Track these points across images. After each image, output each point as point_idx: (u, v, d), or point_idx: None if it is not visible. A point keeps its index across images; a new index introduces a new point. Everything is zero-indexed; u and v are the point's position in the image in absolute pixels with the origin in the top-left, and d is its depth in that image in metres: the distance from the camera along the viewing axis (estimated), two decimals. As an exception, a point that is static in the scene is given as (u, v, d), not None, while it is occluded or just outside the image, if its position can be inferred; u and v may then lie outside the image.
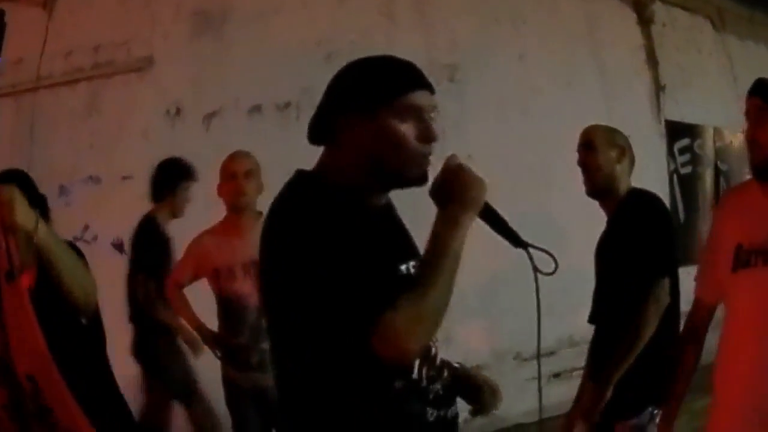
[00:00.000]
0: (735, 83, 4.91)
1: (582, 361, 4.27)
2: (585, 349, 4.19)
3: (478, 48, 3.77)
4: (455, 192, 1.11)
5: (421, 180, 1.16)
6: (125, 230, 3.80)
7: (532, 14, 3.93)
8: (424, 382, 1.14)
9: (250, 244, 2.11)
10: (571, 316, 4.03)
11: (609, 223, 2.22)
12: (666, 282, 2.00)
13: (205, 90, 3.75)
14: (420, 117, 1.15)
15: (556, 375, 4.06)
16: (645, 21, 4.36)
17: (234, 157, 2.54)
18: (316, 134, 1.19)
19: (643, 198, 2.17)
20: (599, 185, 2.19)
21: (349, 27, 3.73)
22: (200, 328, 2.62)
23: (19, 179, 1.69)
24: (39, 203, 1.61)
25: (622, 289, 2.08)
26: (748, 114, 1.66)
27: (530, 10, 3.93)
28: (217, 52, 3.78)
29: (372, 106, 1.12)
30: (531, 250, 1.17)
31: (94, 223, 3.83)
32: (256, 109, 3.68)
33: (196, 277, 2.62)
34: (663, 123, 4.46)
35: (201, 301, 2.73)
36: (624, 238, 2.09)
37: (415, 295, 1.03)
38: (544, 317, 1.27)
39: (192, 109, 3.75)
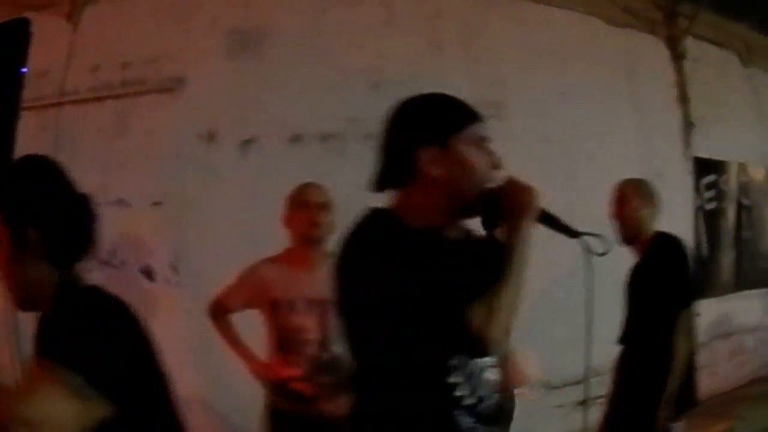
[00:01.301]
0: (760, 117, 5.00)
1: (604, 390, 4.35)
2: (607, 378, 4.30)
3: (523, 83, 3.75)
4: (515, 202, 1.25)
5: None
6: (154, 257, 3.71)
7: (576, 50, 3.91)
8: (473, 400, 1.24)
9: (318, 279, 2.18)
10: (597, 345, 4.11)
11: (639, 261, 2.60)
12: (688, 312, 2.40)
13: (242, 115, 3.64)
14: (484, 146, 1.27)
15: (582, 403, 4.14)
16: (678, 57, 4.39)
17: (309, 187, 2.43)
18: (391, 177, 1.26)
19: (670, 240, 2.56)
20: (630, 233, 2.58)
21: (396, 55, 3.65)
22: (249, 357, 2.51)
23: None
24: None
25: (652, 317, 2.47)
26: None
27: (574, 45, 3.91)
28: (254, 74, 3.66)
29: (445, 136, 1.22)
30: (586, 237, 1.33)
31: (122, 249, 3.72)
32: (298, 138, 3.58)
33: (248, 306, 2.51)
34: (691, 159, 4.52)
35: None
36: (656, 275, 2.49)
37: (492, 290, 1.18)
38: (571, 347, 1.38)
39: (227, 134, 3.63)
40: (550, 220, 1.34)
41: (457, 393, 1.21)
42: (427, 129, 1.22)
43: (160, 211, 3.68)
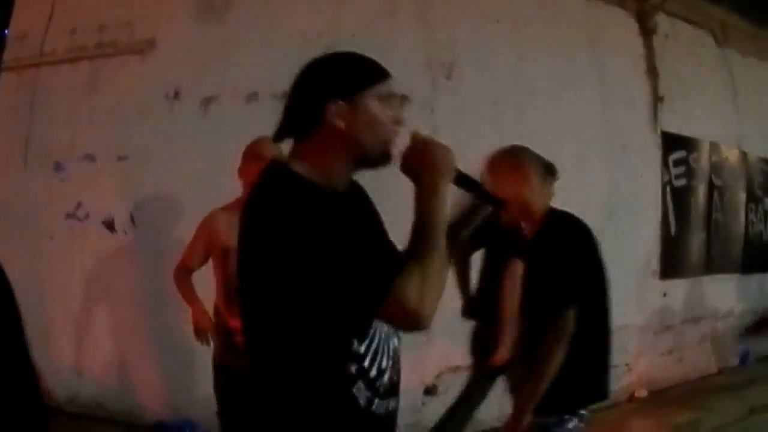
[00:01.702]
0: (735, 99, 4.91)
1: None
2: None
3: (477, 46, 3.78)
4: (427, 162, 1.20)
5: (389, 159, 1.27)
6: (117, 209, 3.84)
7: (534, 16, 3.93)
8: (374, 372, 1.22)
9: None
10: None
11: (530, 244, 2.15)
12: (571, 313, 1.95)
13: (204, 75, 3.76)
14: (391, 103, 1.27)
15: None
16: (647, 31, 4.36)
17: (263, 141, 2.48)
18: (297, 126, 1.26)
19: (565, 220, 2.12)
20: (521, 211, 2.11)
21: (350, 20, 3.74)
22: (204, 317, 2.59)
23: None
24: None
25: (533, 311, 2.11)
26: None
27: (533, 12, 3.93)
28: (219, 37, 3.79)
29: (355, 90, 1.24)
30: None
31: (87, 201, 3.86)
32: (253, 96, 3.69)
33: (205, 258, 2.57)
34: (659, 133, 4.46)
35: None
36: (542, 262, 2.06)
37: (416, 261, 1.13)
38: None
39: (190, 93, 3.76)
40: (468, 183, 1.25)
41: (364, 364, 1.19)
42: (337, 83, 1.24)
43: (124, 165, 3.82)
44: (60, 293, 3.86)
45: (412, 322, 1.12)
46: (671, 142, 4.41)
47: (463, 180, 1.24)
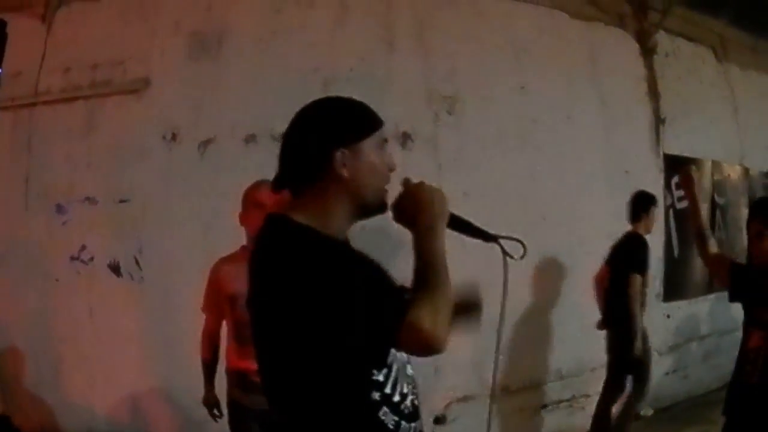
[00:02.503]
0: (736, 114, 4.88)
1: (569, 395, 4.31)
2: (572, 382, 4.24)
3: (478, 77, 3.73)
4: (422, 206, 1.24)
5: (385, 207, 1.30)
6: (121, 252, 3.82)
7: (534, 42, 3.87)
8: (397, 398, 1.27)
9: None
10: (560, 350, 4.08)
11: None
12: None
13: (201, 116, 3.72)
14: (384, 150, 1.31)
15: (544, 407, 4.11)
16: (648, 51, 4.31)
17: (264, 187, 2.45)
18: (301, 175, 1.27)
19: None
20: None
21: (347, 53, 3.68)
22: (210, 395, 2.70)
23: None
24: None
25: None
26: None
27: (532, 37, 3.88)
28: (213, 75, 3.74)
29: (358, 138, 1.26)
30: (502, 241, 1.30)
31: (91, 244, 3.84)
32: (251, 138, 3.65)
33: (217, 305, 2.61)
34: (661, 156, 4.44)
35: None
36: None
37: (424, 294, 1.18)
38: (535, 351, 1.31)
39: (188, 135, 3.72)
40: (462, 225, 1.30)
41: (385, 390, 1.24)
42: (341, 131, 1.25)
43: (125, 208, 3.80)
44: (69, 334, 3.86)
45: (428, 345, 1.17)
46: (673, 165, 4.39)
47: (456, 222, 1.29)
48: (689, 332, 4.68)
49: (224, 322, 2.65)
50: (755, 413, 2.42)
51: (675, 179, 4.35)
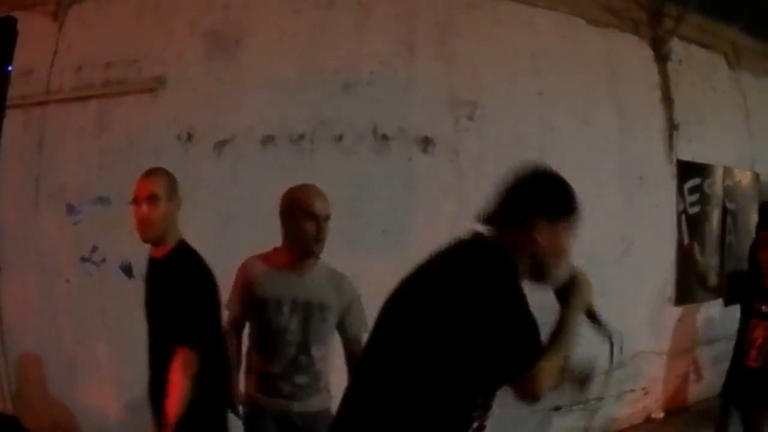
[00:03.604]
0: (747, 121, 4.91)
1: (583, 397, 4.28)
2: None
3: (499, 82, 3.72)
4: (579, 293, 1.55)
5: (549, 281, 1.55)
6: (133, 254, 3.76)
7: (553, 47, 3.87)
8: (486, 421, 1.50)
9: (307, 282, 2.38)
10: (575, 355, 4.08)
11: (154, 268, 2.42)
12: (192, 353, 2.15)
13: (218, 116, 3.67)
14: (571, 234, 1.54)
15: (557, 408, 4.12)
16: (662, 58, 4.33)
17: (317, 197, 2.38)
18: (507, 223, 1.52)
19: (190, 256, 2.33)
20: (157, 234, 2.37)
21: (368, 55, 3.65)
22: (235, 391, 2.60)
23: None
24: None
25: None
26: None
27: (552, 42, 3.87)
28: (230, 75, 3.69)
29: (559, 217, 1.52)
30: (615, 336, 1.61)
31: (103, 245, 3.79)
32: (270, 139, 3.61)
33: (244, 306, 2.50)
34: (675, 163, 4.46)
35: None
36: (164, 294, 2.30)
37: (552, 353, 1.44)
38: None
39: (204, 136, 3.67)
40: (593, 317, 1.61)
41: (480, 411, 1.47)
42: (549, 205, 1.52)
43: (138, 209, 3.74)
44: (81, 335, 3.81)
45: (534, 396, 1.40)
46: (686, 170, 4.41)
47: (591, 314, 1.60)
48: (701, 336, 4.72)
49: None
50: (755, 394, 2.86)
51: (687, 185, 4.38)
